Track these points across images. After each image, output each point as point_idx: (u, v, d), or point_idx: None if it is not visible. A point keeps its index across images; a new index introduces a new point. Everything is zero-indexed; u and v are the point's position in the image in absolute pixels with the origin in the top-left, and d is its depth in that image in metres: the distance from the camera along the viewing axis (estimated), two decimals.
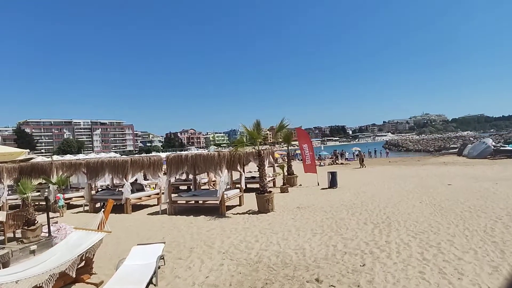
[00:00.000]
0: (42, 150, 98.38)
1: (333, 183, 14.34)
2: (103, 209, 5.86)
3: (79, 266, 5.30)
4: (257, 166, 10.42)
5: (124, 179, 10.96)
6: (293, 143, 22.29)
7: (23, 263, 4.94)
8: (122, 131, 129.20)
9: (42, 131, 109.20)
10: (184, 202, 10.51)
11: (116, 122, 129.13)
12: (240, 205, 11.32)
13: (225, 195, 9.98)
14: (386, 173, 19.93)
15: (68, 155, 40.99)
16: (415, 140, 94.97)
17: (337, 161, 28.38)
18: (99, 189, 13.66)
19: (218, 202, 9.78)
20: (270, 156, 16.12)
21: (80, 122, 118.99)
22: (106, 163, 11.28)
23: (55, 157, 21.85)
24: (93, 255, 5.36)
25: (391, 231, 6.71)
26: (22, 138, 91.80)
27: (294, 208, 10.06)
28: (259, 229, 7.69)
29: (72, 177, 13.48)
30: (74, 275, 4.71)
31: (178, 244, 6.83)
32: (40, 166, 12.28)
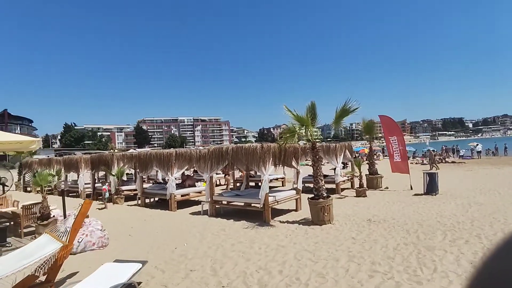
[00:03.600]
0: (155, 145, 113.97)
1: (431, 188, 10.56)
2: (76, 211, 4.68)
3: (35, 283, 4.22)
4: (311, 163, 8.02)
5: (169, 173, 10.09)
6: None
7: None
8: (219, 127, 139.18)
9: (155, 127, 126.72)
10: (226, 203, 8.92)
11: (214, 119, 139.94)
12: (296, 210, 9.12)
13: (271, 198, 7.96)
14: None
15: (171, 149, 45.38)
16: None
17: (445, 159, 22.59)
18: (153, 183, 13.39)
19: (260, 205, 7.82)
20: (347, 151, 13.16)
21: (184, 120, 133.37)
22: (153, 156, 10.65)
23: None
24: (49, 269, 4.17)
25: None
26: (140, 134, 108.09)
27: (363, 221, 7.30)
28: (296, 251, 5.44)
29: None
30: None
31: (180, 261, 5.20)
32: (104, 158, 12.61)
